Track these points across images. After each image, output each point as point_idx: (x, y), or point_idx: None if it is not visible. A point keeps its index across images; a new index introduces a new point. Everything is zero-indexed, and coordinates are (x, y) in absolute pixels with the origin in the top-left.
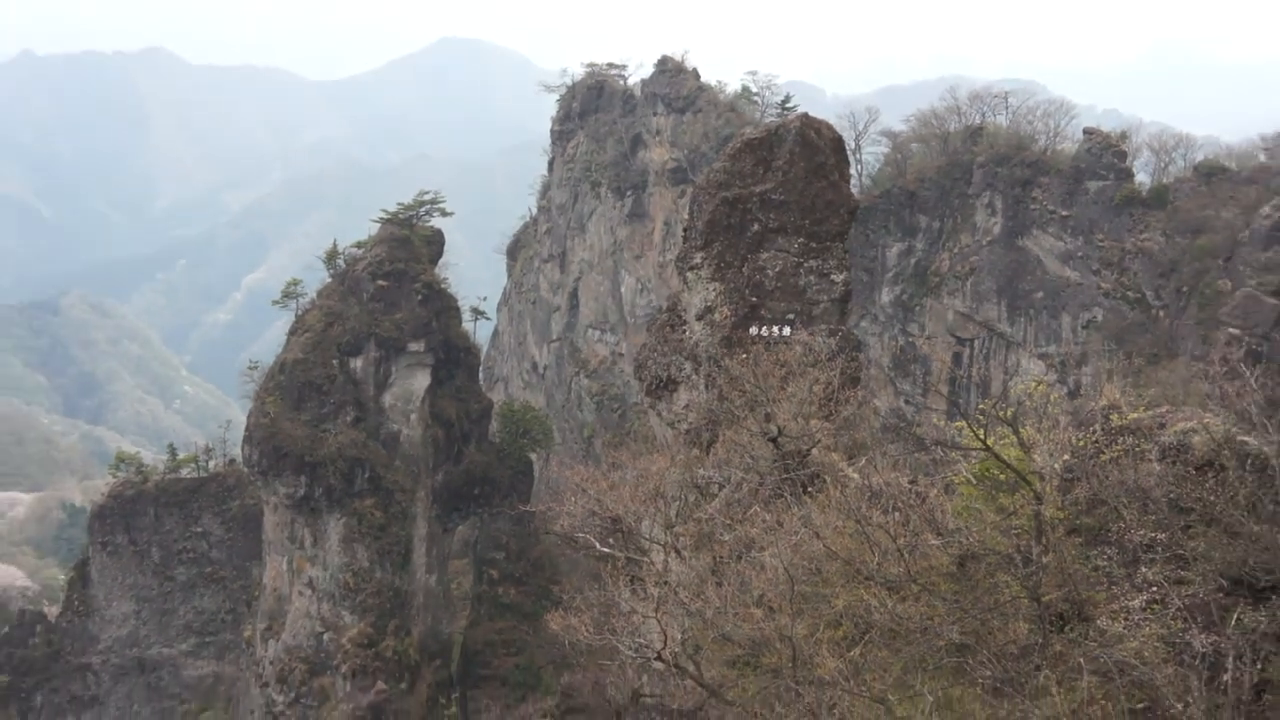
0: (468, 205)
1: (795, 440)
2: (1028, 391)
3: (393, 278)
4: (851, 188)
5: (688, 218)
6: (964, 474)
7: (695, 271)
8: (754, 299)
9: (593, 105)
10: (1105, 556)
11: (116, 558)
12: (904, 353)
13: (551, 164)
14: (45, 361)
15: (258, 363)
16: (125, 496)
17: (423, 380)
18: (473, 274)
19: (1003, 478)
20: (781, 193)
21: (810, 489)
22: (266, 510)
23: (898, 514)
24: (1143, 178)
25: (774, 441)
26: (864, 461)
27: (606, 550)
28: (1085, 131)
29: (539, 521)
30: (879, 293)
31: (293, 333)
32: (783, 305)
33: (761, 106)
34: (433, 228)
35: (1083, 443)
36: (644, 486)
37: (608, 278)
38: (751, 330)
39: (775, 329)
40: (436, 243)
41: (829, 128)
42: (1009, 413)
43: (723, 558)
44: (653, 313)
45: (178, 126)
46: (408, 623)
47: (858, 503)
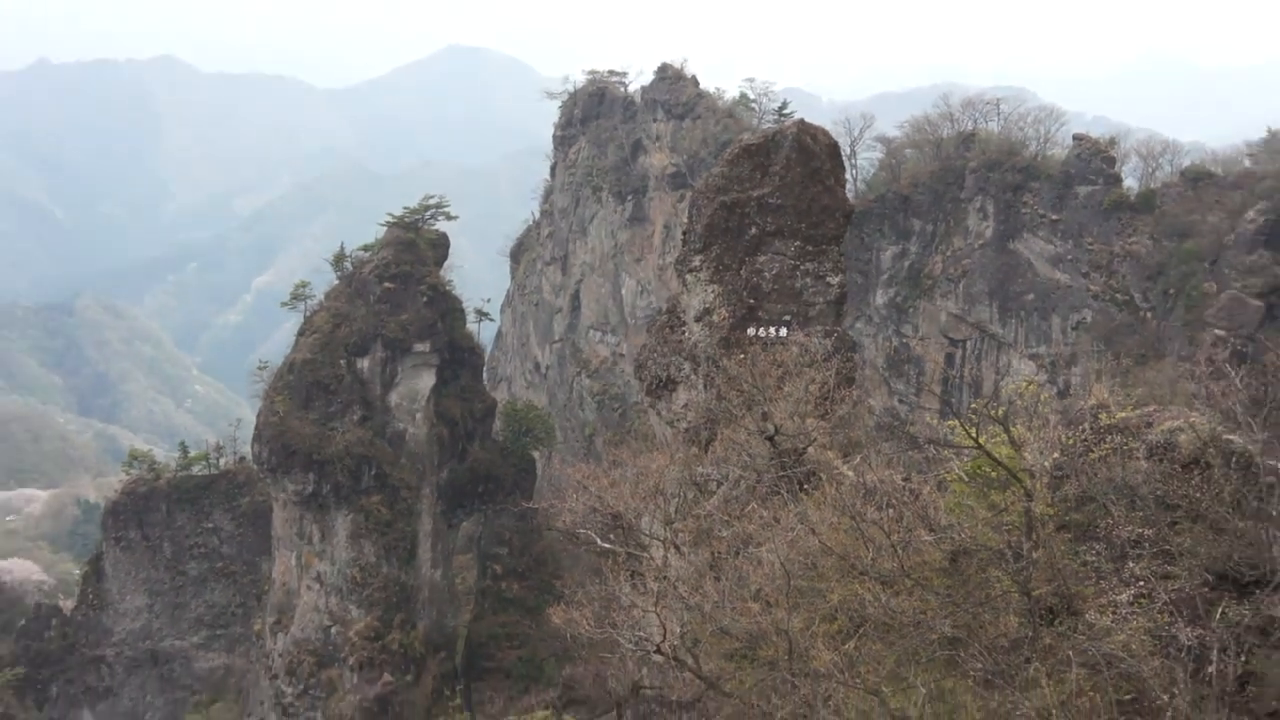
0: (472, 209)
1: (792, 439)
2: (1018, 391)
3: (399, 280)
4: (847, 192)
5: (687, 221)
6: (956, 471)
7: (694, 274)
8: (751, 301)
9: (594, 111)
10: (1094, 552)
11: (130, 553)
12: (898, 353)
13: (554, 169)
14: (60, 362)
15: (267, 363)
16: (138, 493)
17: (428, 380)
18: (477, 276)
19: (994, 475)
20: (778, 197)
21: (806, 486)
22: (276, 507)
23: (891, 510)
24: (1131, 183)
25: (771, 440)
26: (859, 459)
27: (607, 546)
28: (1075, 137)
29: (541, 518)
30: (874, 295)
31: (301, 334)
32: (780, 307)
33: (759, 113)
34: (438, 231)
35: (1072, 441)
36: (644, 484)
37: (609, 280)
38: (749, 331)
39: (772, 330)
40: (441, 246)
41: (825, 133)
42: (1000, 412)
43: (721, 553)
44: (652, 314)
45: (189, 132)
46: (413, 616)
47: (852, 499)
